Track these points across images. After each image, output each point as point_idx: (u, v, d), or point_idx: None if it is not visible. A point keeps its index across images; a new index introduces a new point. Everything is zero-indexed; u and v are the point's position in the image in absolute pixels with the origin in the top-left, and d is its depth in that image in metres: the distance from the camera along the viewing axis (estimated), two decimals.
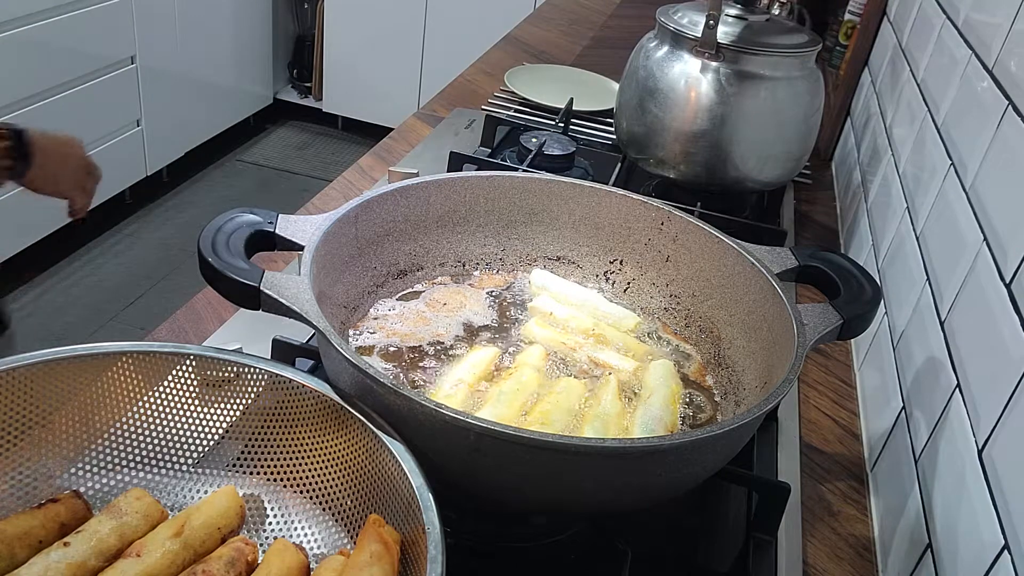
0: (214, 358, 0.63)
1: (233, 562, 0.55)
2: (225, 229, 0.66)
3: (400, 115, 1.75)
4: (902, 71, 1.15)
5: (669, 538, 0.74)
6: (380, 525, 0.55)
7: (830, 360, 1.01)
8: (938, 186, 0.85)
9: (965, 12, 0.92)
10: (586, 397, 0.71)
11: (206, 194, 3.20)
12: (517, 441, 0.53)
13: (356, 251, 0.76)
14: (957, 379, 0.68)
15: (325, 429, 0.61)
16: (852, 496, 0.82)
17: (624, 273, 0.86)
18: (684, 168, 1.12)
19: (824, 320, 0.68)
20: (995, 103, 0.74)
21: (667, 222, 0.82)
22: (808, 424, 0.90)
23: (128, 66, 2.72)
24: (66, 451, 0.61)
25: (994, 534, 0.55)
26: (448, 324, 0.79)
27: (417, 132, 1.40)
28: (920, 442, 0.73)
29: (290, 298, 0.60)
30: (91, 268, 2.70)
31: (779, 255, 0.76)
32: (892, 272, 0.95)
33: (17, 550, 0.53)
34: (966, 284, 0.71)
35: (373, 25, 3.43)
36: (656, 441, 0.56)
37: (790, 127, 1.11)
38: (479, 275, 0.86)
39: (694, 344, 0.81)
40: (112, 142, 2.72)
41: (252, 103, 3.57)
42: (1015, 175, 0.67)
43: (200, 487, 0.63)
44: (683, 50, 1.09)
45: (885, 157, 1.12)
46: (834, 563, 0.75)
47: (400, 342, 0.75)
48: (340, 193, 1.18)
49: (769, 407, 0.59)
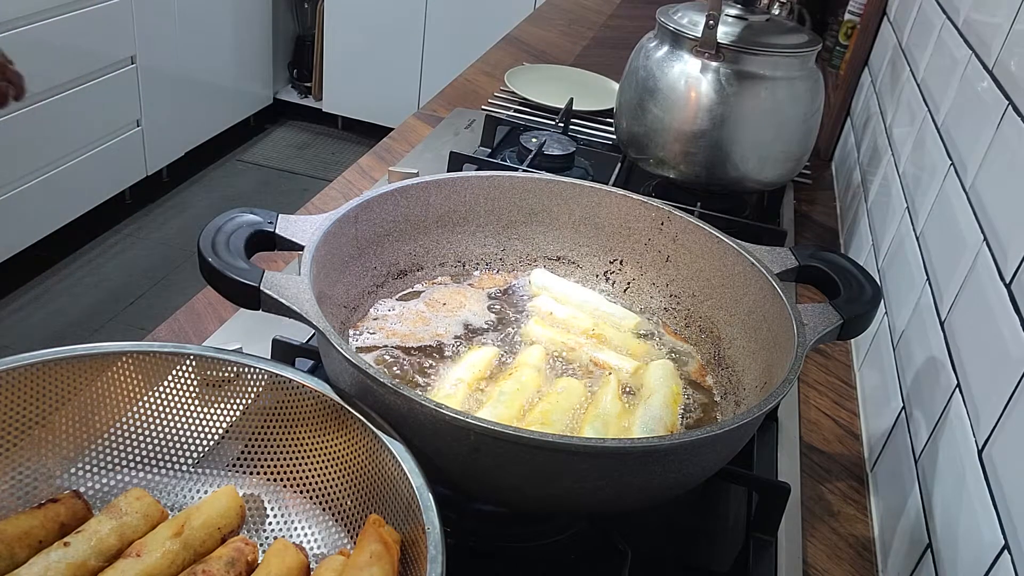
0: (214, 358, 0.63)
1: (233, 562, 0.55)
2: (225, 229, 0.66)
3: (400, 115, 1.75)
4: (902, 71, 1.15)
5: (669, 538, 0.74)
6: (380, 525, 0.55)
7: (830, 360, 1.01)
8: (938, 186, 0.85)
9: (965, 12, 0.92)
10: (586, 397, 0.71)
11: (206, 194, 3.20)
12: (517, 441, 0.53)
13: (356, 251, 0.76)
14: (957, 379, 0.68)
15: (325, 429, 0.61)
16: (852, 496, 0.82)
17: (624, 273, 0.86)
18: (684, 168, 1.12)
19: (824, 320, 0.68)
20: (995, 103, 0.75)
21: (667, 222, 0.82)
22: (808, 424, 0.90)
23: (128, 66, 2.72)
24: (66, 451, 0.61)
25: (994, 534, 0.55)
26: (448, 324, 0.79)
27: (417, 132, 1.40)
28: (920, 442, 0.73)
29: (290, 298, 0.60)
30: (91, 268, 2.70)
31: (779, 255, 0.76)
32: (892, 272, 0.95)
33: (17, 550, 0.53)
34: (966, 284, 0.71)
35: (373, 25, 3.43)
36: (656, 441, 0.56)
37: (790, 127, 1.11)
38: (479, 275, 0.86)
39: (694, 344, 0.81)
40: (112, 142, 2.72)
41: (252, 103, 3.57)
42: (1015, 175, 0.67)
43: (200, 487, 0.63)
44: (683, 50, 1.09)
45: (885, 157, 1.12)
46: (834, 563, 0.75)
47: (400, 342, 0.75)
48: (340, 193, 1.18)
49: (769, 407, 0.59)
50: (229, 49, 3.28)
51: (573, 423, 0.68)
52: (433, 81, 3.35)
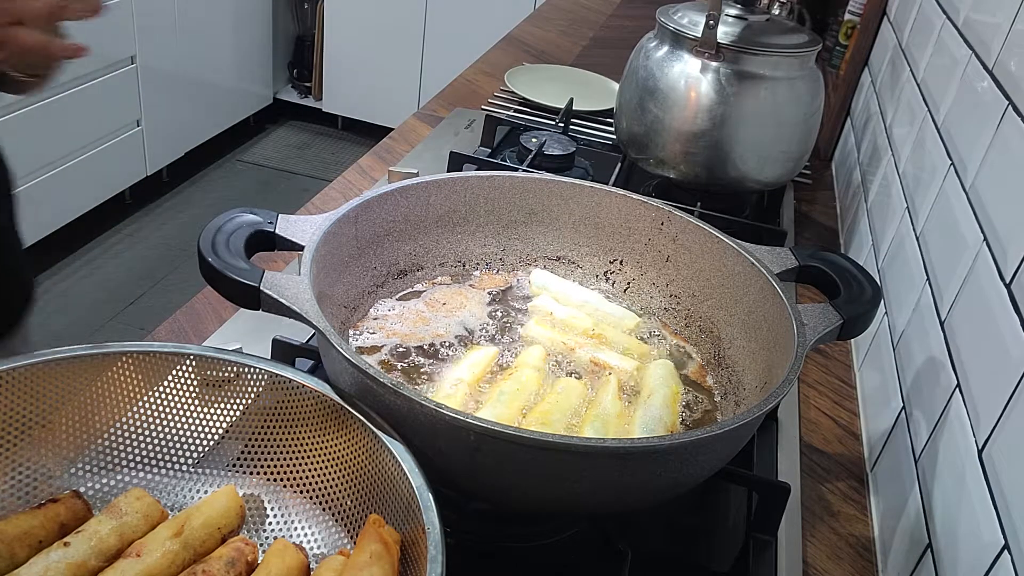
0: (214, 358, 0.63)
1: (233, 562, 0.55)
2: (225, 229, 0.66)
3: (400, 115, 1.75)
4: (902, 71, 1.15)
5: (669, 538, 0.74)
6: (380, 525, 0.55)
7: (830, 360, 1.01)
8: (938, 186, 0.85)
9: (965, 12, 0.92)
10: (586, 397, 0.71)
11: (206, 194, 3.20)
12: (517, 441, 0.53)
13: (356, 251, 0.76)
14: (957, 379, 0.68)
15: (325, 429, 0.61)
16: (852, 496, 0.82)
17: (624, 273, 0.86)
18: (684, 168, 1.12)
19: (824, 320, 0.68)
20: (995, 103, 0.74)
21: (667, 222, 0.82)
22: (808, 424, 0.90)
23: (128, 66, 2.72)
24: (66, 451, 0.60)
25: (994, 534, 0.55)
26: (448, 324, 0.78)
27: (417, 132, 1.40)
28: (920, 442, 0.73)
29: (290, 298, 0.60)
30: (91, 268, 2.70)
31: (779, 255, 0.76)
32: (892, 272, 0.95)
33: (17, 550, 0.53)
34: (966, 284, 0.71)
35: (373, 25, 3.43)
36: (656, 441, 0.56)
37: (790, 127, 1.11)
38: (479, 275, 0.86)
39: (694, 344, 0.81)
40: (112, 142, 2.72)
41: (252, 103, 3.57)
42: (1015, 175, 0.67)
43: (200, 487, 0.63)
44: (683, 50, 1.09)
45: (885, 157, 1.12)
46: (834, 563, 0.75)
47: (400, 342, 0.75)
48: (340, 193, 1.18)
49: (769, 407, 0.59)
50: (229, 49, 3.28)
51: (573, 423, 0.68)
52: (433, 81, 3.35)
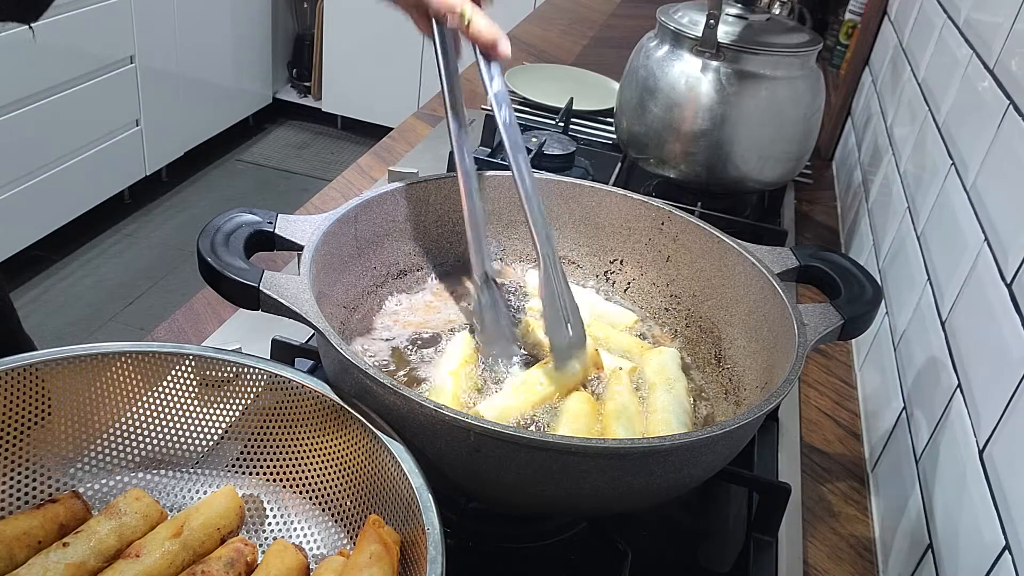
0: (213, 358, 0.63)
1: (232, 563, 0.55)
2: (224, 229, 0.66)
3: (400, 115, 1.74)
4: (903, 71, 1.15)
5: (669, 538, 0.73)
6: (380, 526, 0.54)
7: (831, 360, 1.01)
8: (939, 186, 0.85)
9: (966, 12, 0.92)
10: (593, 403, 0.71)
11: (206, 194, 3.20)
12: (517, 441, 0.53)
13: (356, 251, 0.76)
14: (958, 379, 0.68)
15: (325, 429, 0.61)
16: (853, 496, 0.82)
17: (624, 273, 0.86)
18: (684, 168, 1.12)
19: (825, 320, 0.68)
20: (996, 103, 0.74)
21: (667, 222, 0.82)
22: (809, 424, 0.90)
23: (127, 66, 2.72)
24: (65, 451, 0.60)
25: (995, 534, 0.55)
26: (458, 311, 0.80)
27: (417, 132, 1.39)
28: (921, 442, 0.73)
29: (290, 298, 0.60)
30: (91, 268, 2.70)
31: (779, 255, 0.76)
32: (893, 272, 0.95)
33: (16, 550, 0.53)
34: (967, 284, 0.71)
35: (373, 25, 3.42)
36: (656, 441, 0.56)
37: (790, 127, 1.11)
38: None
39: (694, 344, 0.80)
40: (111, 142, 2.72)
41: (251, 103, 3.57)
42: (1016, 175, 0.66)
43: (200, 487, 0.63)
44: (683, 50, 1.09)
45: (886, 157, 1.12)
46: (834, 564, 0.75)
47: (416, 331, 0.76)
48: (340, 193, 1.18)
49: (770, 407, 0.59)
50: (228, 49, 3.28)
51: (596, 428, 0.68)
52: (433, 81, 3.34)
